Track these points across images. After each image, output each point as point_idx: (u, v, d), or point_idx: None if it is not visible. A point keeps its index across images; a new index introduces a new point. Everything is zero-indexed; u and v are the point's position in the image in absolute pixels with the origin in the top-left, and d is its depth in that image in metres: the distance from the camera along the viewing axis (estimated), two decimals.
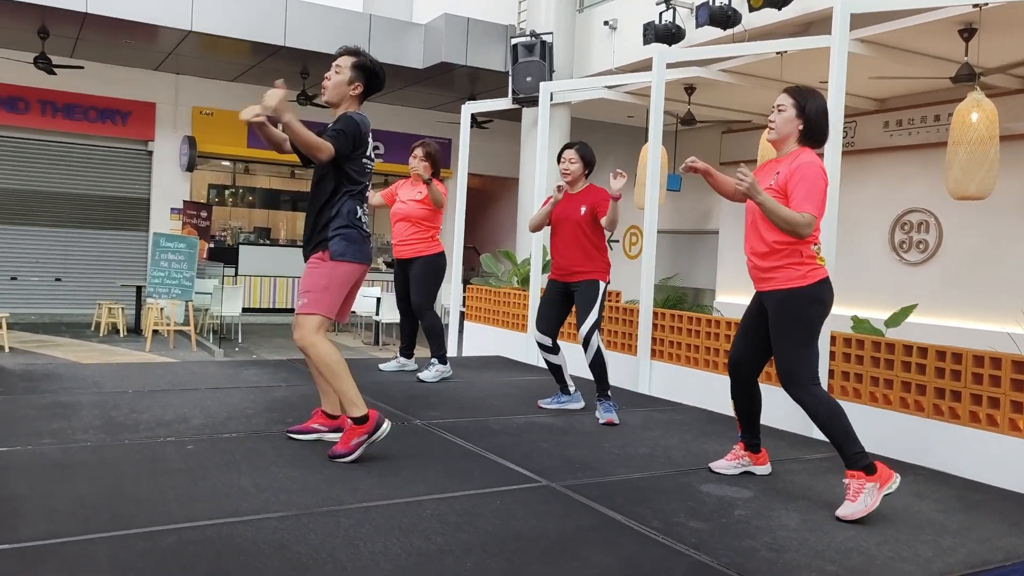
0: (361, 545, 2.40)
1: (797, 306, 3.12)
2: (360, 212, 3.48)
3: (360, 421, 3.30)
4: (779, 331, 3.15)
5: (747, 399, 3.40)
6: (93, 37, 10.95)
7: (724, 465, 3.46)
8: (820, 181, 3.10)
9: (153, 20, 10.09)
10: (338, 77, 3.47)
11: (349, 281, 3.45)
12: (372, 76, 3.52)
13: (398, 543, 2.43)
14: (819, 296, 3.13)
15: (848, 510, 2.89)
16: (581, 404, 4.74)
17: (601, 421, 4.34)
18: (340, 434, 3.47)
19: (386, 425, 3.34)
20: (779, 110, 3.21)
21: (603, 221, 4.46)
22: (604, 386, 4.46)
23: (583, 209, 4.51)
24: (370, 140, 3.49)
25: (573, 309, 4.63)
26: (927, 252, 8.95)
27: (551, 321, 4.67)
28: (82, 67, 11.71)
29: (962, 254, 8.60)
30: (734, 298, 11.08)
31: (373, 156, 3.55)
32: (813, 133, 3.19)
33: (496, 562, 2.36)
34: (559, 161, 4.69)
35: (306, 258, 3.48)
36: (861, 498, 2.90)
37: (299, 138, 3.21)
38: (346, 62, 3.48)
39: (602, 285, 4.51)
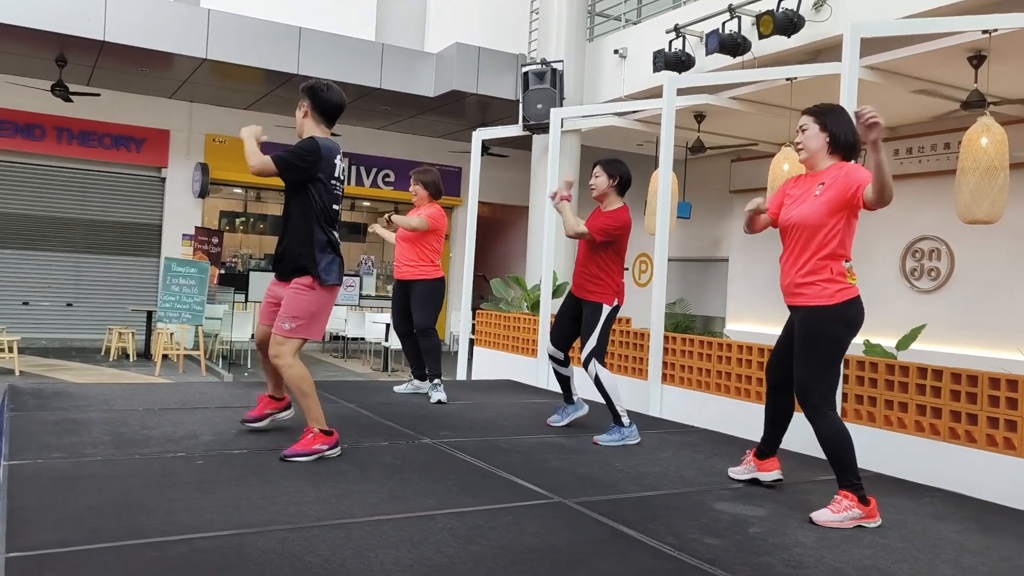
0: (372, 556, 2.38)
1: (826, 324, 3.11)
2: (336, 236, 3.69)
3: (326, 433, 3.54)
4: (800, 347, 3.15)
5: (774, 405, 3.47)
6: (110, 65, 11.12)
7: (738, 470, 3.62)
8: (863, 170, 3.12)
9: (169, 48, 10.24)
10: (299, 112, 3.70)
11: (333, 302, 3.72)
12: (313, 93, 3.64)
13: (409, 554, 2.40)
14: (844, 316, 3.12)
15: (824, 516, 2.98)
16: (585, 410, 4.78)
17: (593, 438, 4.37)
18: (290, 411, 4.01)
19: (339, 449, 3.59)
20: (802, 130, 3.26)
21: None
22: (613, 414, 4.40)
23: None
24: (337, 162, 3.66)
25: None
26: (939, 280, 8.90)
27: (562, 335, 4.69)
28: (98, 95, 11.87)
29: (974, 282, 8.54)
30: (745, 326, 11.02)
31: (343, 178, 3.72)
32: (842, 144, 3.20)
33: (508, 573, 2.32)
34: None
35: (283, 279, 3.68)
36: (843, 515, 2.98)
37: (247, 152, 3.57)
38: (301, 95, 3.69)
39: (606, 309, 4.44)
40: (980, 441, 4.15)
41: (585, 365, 4.41)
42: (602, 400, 4.44)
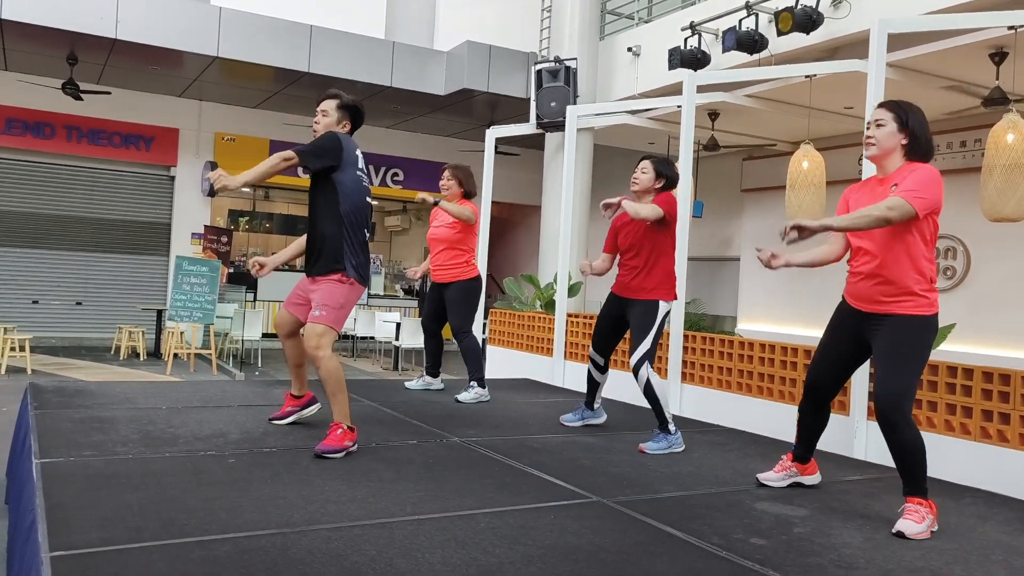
0: (419, 556, 2.34)
1: (924, 334, 2.98)
2: (366, 235, 3.76)
3: (350, 429, 3.57)
4: (898, 356, 2.96)
5: (818, 420, 3.35)
6: (120, 63, 11.09)
7: (773, 477, 3.45)
8: (934, 183, 2.92)
9: (180, 46, 10.21)
10: (327, 119, 3.73)
11: (358, 300, 3.79)
12: (356, 113, 3.80)
13: (456, 554, 2.37)
14: (936, 327, 3.03)
15: (913, 529, 2.83)
16: (603, 418, 4.70)
17: (638, 446, 4.09)
18: (313, 407, 4.10)
19: (356, 444, 3.62)
20: (878, 125, 3.04)
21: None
22: (659, 419, 4.13)
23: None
24: (359, 154, 3.75)
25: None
26: (955, 279, 8.86)
27: (607, 340, 4.47)
28: (109, 93, 11.85)
29: (991, 281, 8.50)
30: (757, 326, 10.98)
31: (367, 170, 3.81)
32: (918, 146, 3.02)
33: (559, 574, 2.29)
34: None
35: (314, 275, 3.72)
36: (925, 523, 2.87)
37: (262, 174, 3.49)
38: (330, 105, 3.74)
39: (663, 306, 4.20)
40: (1013, 441, 4.10)
41: (636, 370, 4.10)
42: (648, 406, 4.20)
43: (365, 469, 3.31)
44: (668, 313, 4.31)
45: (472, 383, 5.27)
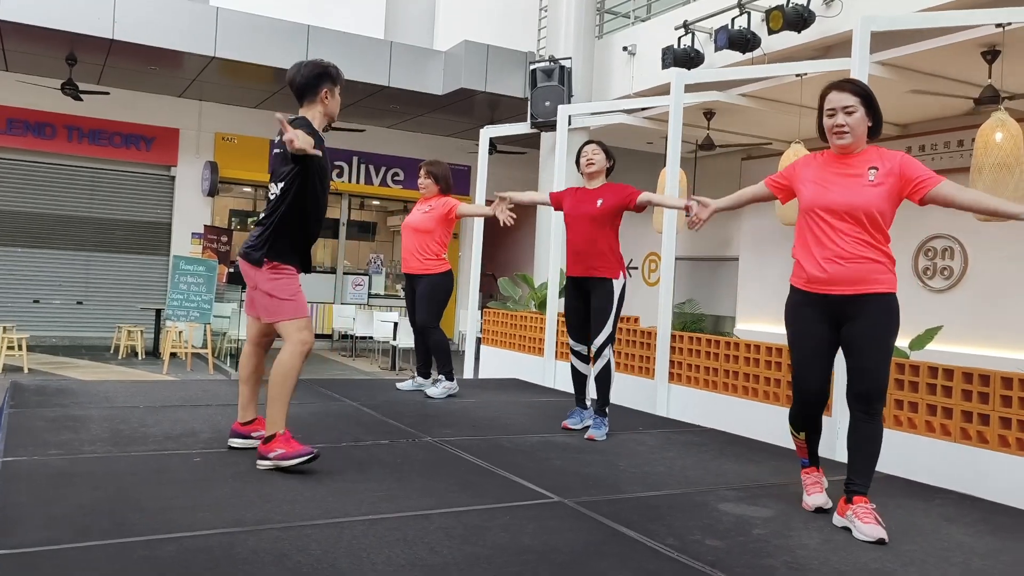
0: (363, 556, 2.33)
1: (897, 313, 2.88)
2: None
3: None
4: (882, 340, 2.86)
5: (817, 428, 3.13)
6: (119, 64, 11.14)
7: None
8: None
9: (178, 47, 10.24)
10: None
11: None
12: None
13: (402, 554, 2.36)
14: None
15: (882, 533, 2.72)
16: None
17: (586, 435, 4.26)
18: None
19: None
20: (847, 112, 2.92)
21: (642, 198, 4.37)
22: (604, 403, 4.36)
23: (599, 202, 4.42)
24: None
25: None
26: (952, 279, 8.79)
27: (581, 326, 4.53)
28: (108, 93, 11.90)
29: (988, 281, 8.42)
30: (756, 326, 10.91)
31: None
32: (879, 125, 2.99)
33: (504, 574, 2.27)
34: (577, 161, 4.59)
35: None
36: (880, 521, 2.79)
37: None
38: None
39: (616, 283, 4.37)
40: (992, 442, 4.06)
41: (600, 351, 4.29)
42: (590, 390, 4.46)
43: (331, 469, 3.30)
44: (622, 291, 4.42)
45: (440, 376, 5.31)
